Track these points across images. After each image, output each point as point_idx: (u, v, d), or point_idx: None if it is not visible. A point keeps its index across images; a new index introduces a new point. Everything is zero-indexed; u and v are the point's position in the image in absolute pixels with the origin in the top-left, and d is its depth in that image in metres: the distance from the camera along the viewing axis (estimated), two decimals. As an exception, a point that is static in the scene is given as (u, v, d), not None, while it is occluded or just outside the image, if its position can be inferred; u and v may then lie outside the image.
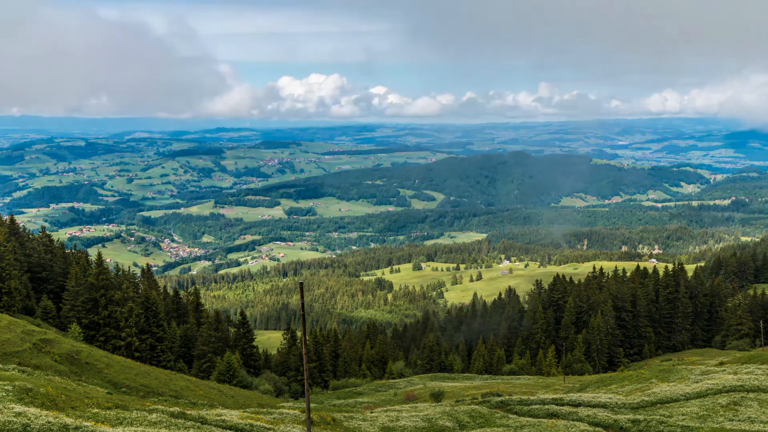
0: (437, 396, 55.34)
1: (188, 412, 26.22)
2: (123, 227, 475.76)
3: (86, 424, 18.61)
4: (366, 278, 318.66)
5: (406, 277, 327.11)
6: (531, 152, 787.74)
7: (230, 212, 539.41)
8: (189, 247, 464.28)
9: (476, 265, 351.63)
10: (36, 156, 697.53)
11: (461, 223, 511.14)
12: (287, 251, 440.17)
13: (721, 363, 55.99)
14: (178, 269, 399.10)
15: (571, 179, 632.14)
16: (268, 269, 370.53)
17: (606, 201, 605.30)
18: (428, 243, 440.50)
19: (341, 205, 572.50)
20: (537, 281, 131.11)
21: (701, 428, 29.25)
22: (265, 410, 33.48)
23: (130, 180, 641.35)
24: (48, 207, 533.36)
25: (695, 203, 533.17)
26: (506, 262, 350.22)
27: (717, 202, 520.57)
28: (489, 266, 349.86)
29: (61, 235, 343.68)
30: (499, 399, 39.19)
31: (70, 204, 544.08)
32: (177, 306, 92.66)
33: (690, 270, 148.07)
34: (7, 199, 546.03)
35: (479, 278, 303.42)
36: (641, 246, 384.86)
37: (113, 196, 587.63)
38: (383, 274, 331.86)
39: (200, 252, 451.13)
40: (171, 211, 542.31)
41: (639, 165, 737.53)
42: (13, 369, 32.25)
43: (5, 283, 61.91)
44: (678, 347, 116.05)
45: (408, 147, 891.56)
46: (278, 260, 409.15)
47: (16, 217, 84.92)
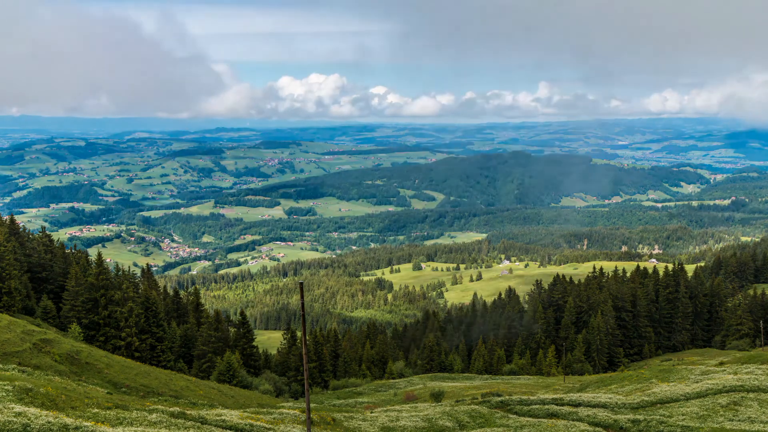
0: (437, 396, 55.33)
1: (188, 412, 26.22)
2: (123, 227, 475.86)
3: (86, 424, 18.61)
4: (366, 278, 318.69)
5: (406, 277, 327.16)
6: (531, 152, 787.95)
7: (230, 212, 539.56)
8: (189, 247, 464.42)
9: (476, 265, 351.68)
10: (36, 156, 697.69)
11: (461, 223, 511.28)
12: (287, 251, 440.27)
13: (721, 363, 55.99)
14: (178, 269, 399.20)
15: (571, 179, 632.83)
16: (268, 269, 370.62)
17: (606, 201, 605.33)
18: (428, 243, 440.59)
19: (341, 205, 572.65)
20: (537, 281, 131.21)
21: (701, 428, 29.25)
22: (265, 410, 33.48)
23: (130, 180, 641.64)
24: (48, 207, 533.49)
25: (695, 203, 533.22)
26: (506, 262, 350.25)
27: (717, 202, 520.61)
28: (489, 266, 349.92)
29: (61, 235, 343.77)
30: (499, 399, 39.20)
31: (70, 204, 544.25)
32: (177, 306, 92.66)
33: (690, 270, 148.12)
34: (7, 199, 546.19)
35: (479, 278, 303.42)
36: (641, 246, 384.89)
37: (113, 196, 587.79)
38: (383, 274, 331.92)
39: (200, 252, 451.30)
40: (171, 211, 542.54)
41: (639, 165, 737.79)
42: (13, 369, 32.24)
43: (5, 283, 61.92)
44: (678, 347, 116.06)
45: (408, 147, 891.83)
46: (278, 260, 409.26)
47: (16, 217, 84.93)
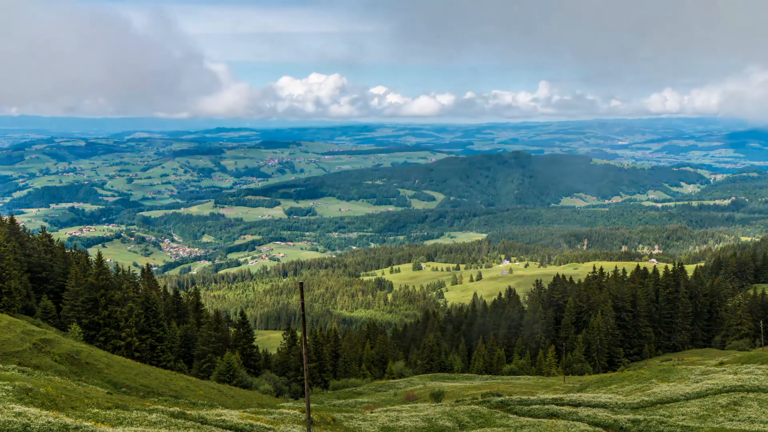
0: (437, 396, 55.31)
1: (188, 412, 26.22)
2: (123, 227, 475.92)
3: (86, 424, 18.61)
4: (366, 278, 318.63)
5: (406, 277, 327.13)
6: (531, 152, 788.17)
7: (230, 212, 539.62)
8: (189, 247, 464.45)
9: (476, 265, 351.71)
10: (36, 156, 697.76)
11: (461, 223, 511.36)
12: (287, 251, 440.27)
13: (721, 363, 55.97)
14: (178, 269, 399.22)
15: (571, 179, 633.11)
16: (268, 269, 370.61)
17: (606, 201, 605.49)
18: (428, 243, 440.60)
19: (341, 205, 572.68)
20: (537, 281, 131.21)
21: (701, 428, 29.25)
22: (265, 410, 33.47)
23: (130, 180, 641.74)
24: (48, 207, 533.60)
25: (695, 203, 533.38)
26: (506, 262, 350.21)
27: (717, 202, 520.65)
28: (489, 266, 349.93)
29: (61, 235, 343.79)
30: (499, 399, 39.18)
31: (70, 204, 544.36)
32: (177, 306, 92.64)
33: (690, 270, 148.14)
34: (7, 199, 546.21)
35: (479, 278, 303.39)
36: (641, 246, 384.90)
37: (113, 196, 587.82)
38: (383, 274, 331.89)
39: (200, 252, 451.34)
40: (171, 211, 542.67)
41: (639, 165, 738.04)
42: (13, 369, 32.23)
43: (5, 283, 61.92)
44: (678, 347, 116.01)
45: (408, 147, 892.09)
46: (278, 260, 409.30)
47: (16, 217, 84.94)
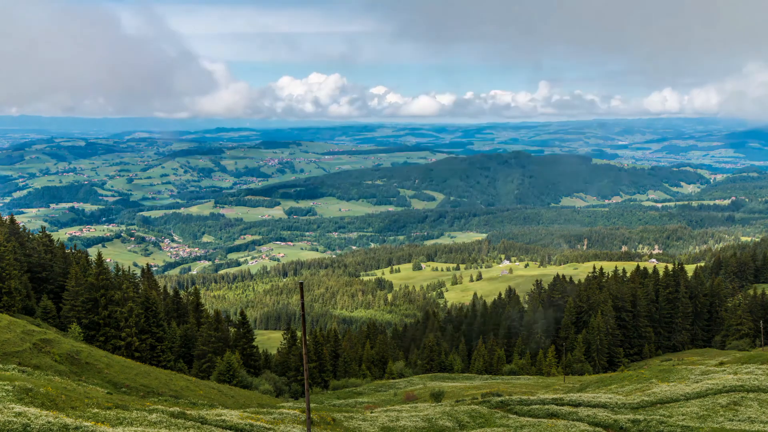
0: (437, 396, 55.30)
1: (188, 412, 26.21)
2: (123, 227, 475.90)
3: (86, 424, 18.61)
4: (366, 278, 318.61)
5: (406, 277, 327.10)
6: (531, 152, 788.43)
7: (230, 212, 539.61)
8: (189, 247, 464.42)
9: (476, 265, 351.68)
10: (36, 156, 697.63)
11: (461, 223, 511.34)
12: (287, 251, 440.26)
13: (721, 363, 55.97)
14: (178, 269, 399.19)
15: (571, 179, 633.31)
16: (268, 269, 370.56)
17: (606, 201, 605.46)
18: (428, 243, 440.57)
19: (341, 205, 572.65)
20: (537, 281, 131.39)
21: (701, 428, 29.24)
22: (265, 410, 33.46)
23: (130, 180, 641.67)
24: (48, 207, 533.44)
25: (695, 203, 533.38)
26: (506, 262, 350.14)
27: (717, 202, 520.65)
28: (489, 266, 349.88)
29: (61, 235, 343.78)
30: (499, 399, 39.17)
31: (70, 204, 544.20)
32: (177, 306, 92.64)
33: (690, 270, 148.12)
34: (7, 199, 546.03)
35: (479, 278, 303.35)
36: (641, 246, 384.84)
37: (113, 196, 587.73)
38: (383, 274, 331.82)
39: (200, 252, 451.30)
40: (171, 211, 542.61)
41: (639, 165, 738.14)
42: (13, 369, 32.23)
43: (5, 283, 61.91)
44: (678, 347, 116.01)
45: (408, 147, 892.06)
46: (278, 260, 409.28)
47: (16, 217, 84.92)
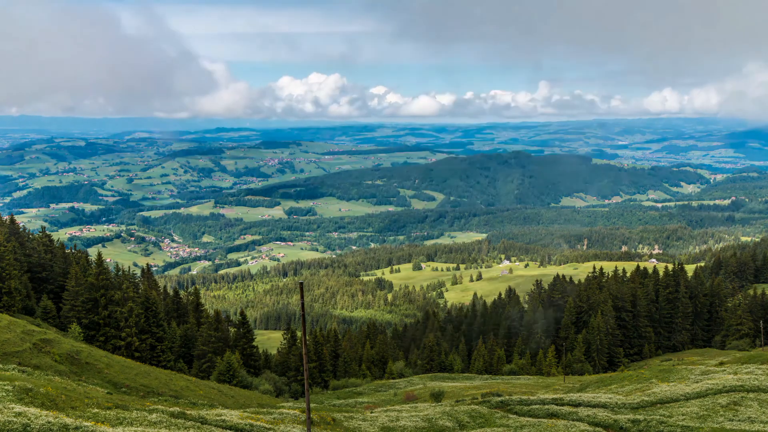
0: (437, 396, 55.29)
1: (188, 412, 26.21)
2: (123, 227, 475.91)
3: (86, 424, 18.60)
4: (366, 278, 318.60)
5: (406, 277, 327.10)
6: (531, 152, 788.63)
7: (230, 212, 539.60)
8: (189, 247, 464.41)
9: (476, 265, 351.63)
10: (36, 156, 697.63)
11: (461, 223, 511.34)
12: (287, 251, 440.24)
13: (721, 363, 55.97)
14: (178, 269, 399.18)
15: (571, 179, 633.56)
16: (268, 269, 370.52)
17: (606, 201, 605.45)
18: (428, 243, 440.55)
19: (341, 205, 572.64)
20: (537, 281, 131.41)
21: (701, 428, 29.24)
22: (265, 410, 33.46)
23: (130, 180, 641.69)
24: (48, 207, 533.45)
25: (695, 203, 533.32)
26: (506, 262, 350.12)
27: (717, 202, 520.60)
28: (489, 266, 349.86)
29: (61, 235, 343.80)
30: (499, 399, 39.17)
31: (70, 204, 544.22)
32: (177, 306, 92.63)
33: (690, 270, 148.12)
34: (7, 199, 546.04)
35: (479, 278, 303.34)
36: (641, 246, 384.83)
37: (113, 196, 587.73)
38: (383, 274, 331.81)
39: (200, 252, 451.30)
40: (171, 211, 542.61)
41: (639, 165, 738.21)
42: (13, 369, 32.22)
43: (5, 283, 61.91)
44: (678, 347, 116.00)
45: (408, 147, 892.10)
46: (278, 260, 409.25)
47: (16, 217, 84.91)
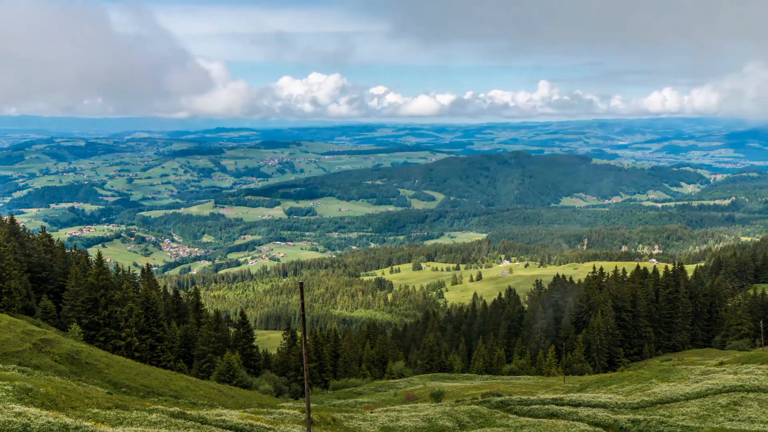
0: (437, 396, 55.29)
1: (188, 412, 26.21)
2: (123, 227, 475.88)
3: (86, 424, 18.60)
4: (366, 278, 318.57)
5: (406, 277, 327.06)
6: (531, 152, 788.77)
7: (230, 212, 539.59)
8: (189, 247, 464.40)
9: (476, 265, 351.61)
10: (36, 156, 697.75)
11: (461, 223, 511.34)
12: (287, 251, 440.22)
13: (721, 363, 55.97)
14: (178, 269, 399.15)
15: (571, 179, 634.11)
16: (268, 269, 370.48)
17: (606, 201, 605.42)
18: (428, 243, 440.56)
19: (341, 205, 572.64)
20: (537, 281, 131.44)
21: (701, 428, 29.24)
22: (265, 410, 33.46)
23: (130, 180, 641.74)
24: (48, 207, 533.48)
25: (695, 203, 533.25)
26: (506, 262, 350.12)
27: (717, 202, 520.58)
28: (489, 266, 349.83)
29: (61, 235, 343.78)
30: (499, 399, 39.17)
31: (70, 204, 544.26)
32: (177, 306, 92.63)
33: (690, 270, 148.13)
34: (7, 199, 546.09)
35: (479, 278, 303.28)
36: (641, 246, 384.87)
37: (113, 196, 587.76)
38: (383, 274, 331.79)
39: (200, 252, 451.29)
40: (171, 211, 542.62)
41: (639, 165, 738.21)
42: (13, 369, 32.22)
43: (5, 283, 61.90)
44: (678, 347, 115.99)
45: (408, 147, 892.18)
46: (278, 260, 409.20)
47: (16, 217, 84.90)
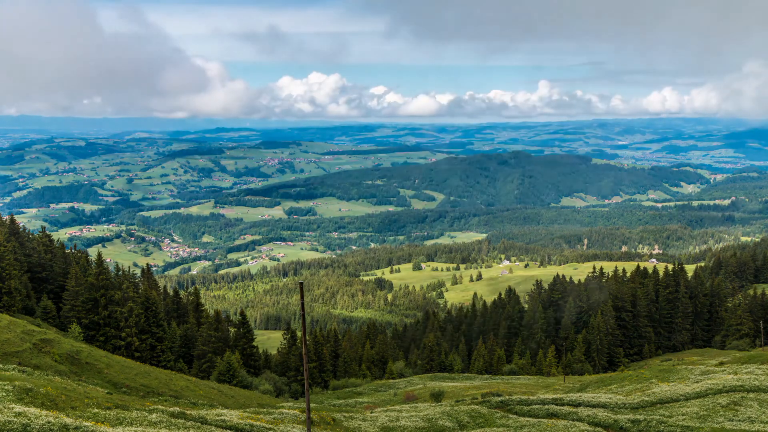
0: (437, 396, 55.28)
1: (188, 412, 26.21)
2: (123, 227, 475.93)
3: (86, 424, 18.60)
4: (366, 278, 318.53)
5: (406, 277, 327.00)
6: (531, 152, 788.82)
7: (230, 212, 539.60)
8: (189, 247, 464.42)
9: (476, 265, 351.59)
10: (36, 156, 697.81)
11: (461, 223, 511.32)
12: (287, 251, 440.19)
13: (721, 363, 55.97)
14: (178, 269, 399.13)
15: (571, 179, 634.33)
16: (268, 269, 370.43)
17: (606, 201, 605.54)
18: (428, 243, 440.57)
19: (341, 205, 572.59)
20: (537, 281, 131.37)
21: (701, 428, 29.24)
22: (265, 410, 33.46)
23: (130, 180, 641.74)
24: (48, 207, 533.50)
25: (695, 203, 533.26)
26: (506, 262, 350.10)
27: (717, 202, 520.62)
28: (489, 266, 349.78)
29: (61, 235, 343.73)
30: (499, 399, 39.16)
31: (70, 204, 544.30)
32: (177, 306, 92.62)
33: (690, 270, 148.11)
34: (7, 199, 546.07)
35: (479, 278, 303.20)
36: (641, 246, 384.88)
37: (113, 196, 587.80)
38: (383, 274, 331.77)
39: (200, 252, 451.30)
40: (171, 211, 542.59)
41: (639, 165, 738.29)
42: (13, 369, 32.21)
43: (5, 283, 61.90)
44: (678, 347, 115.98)
45: (408, 147, 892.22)
46: (278, 260, 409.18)
47: (16, 217, 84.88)
